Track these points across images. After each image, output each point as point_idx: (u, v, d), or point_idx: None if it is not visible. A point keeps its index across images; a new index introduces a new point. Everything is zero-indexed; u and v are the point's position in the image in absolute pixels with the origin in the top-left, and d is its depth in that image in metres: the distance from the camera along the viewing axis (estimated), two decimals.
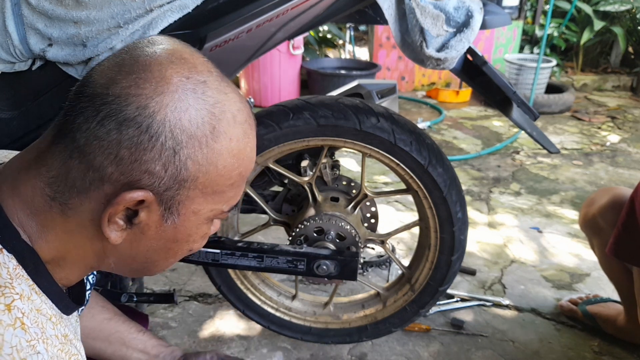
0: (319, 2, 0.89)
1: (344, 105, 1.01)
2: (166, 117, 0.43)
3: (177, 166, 0.45)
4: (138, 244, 0.49)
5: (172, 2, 0.88)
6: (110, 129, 0.43)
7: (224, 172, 0.48)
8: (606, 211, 1.23)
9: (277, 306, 1.24)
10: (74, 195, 0.45)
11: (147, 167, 0.44)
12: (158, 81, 0.44)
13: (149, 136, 0.43)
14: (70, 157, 0.44)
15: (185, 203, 0.47)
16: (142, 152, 0.43)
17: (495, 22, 0.96)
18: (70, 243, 0.48)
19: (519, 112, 1.04)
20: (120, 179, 0.44)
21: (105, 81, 0.44)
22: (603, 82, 3.92)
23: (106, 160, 0.43)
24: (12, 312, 0.41)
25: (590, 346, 1.35)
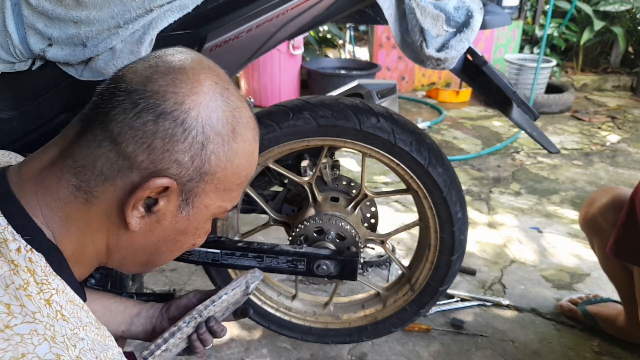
0: (318, 2, 0.89)
1: (344, 105, 1.01)
2: (199, 114, 0.48)
3: (202, 159, 0.49)
4: (152, 234, 0.52)
5: (172, 2, 0.88)
6: (147, 121, 0.47)
7: (237, 171, 0.53)
8: (606, 211, 1.22)
9: (277, 306, 1.24)
10: (100, 182, 0.48)
11: (176, 157, 0.48)
12: (193, 83, 0.49)
13: (182, 129, 0.48)
14: (100, 147, 0.48)
15: (201, 196, 0.52)
16: (174, 143, 0.48)
17: (495, 22, 0.96)
18: (89, 234, 0.51)
19: (519, 112, 1.04)
20: (149, 167, 0.48)
21: (142, 79, 0.48)
22: (603, 82, 3.92)
23: (139, 149, 0.47)
24: (52, 306, 0.44)
25: (590, 346, 1.35)
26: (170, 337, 0.73)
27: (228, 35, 0.89)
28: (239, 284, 0.79)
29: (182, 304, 0.80)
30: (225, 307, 0.79)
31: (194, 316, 0.75)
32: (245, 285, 0.79)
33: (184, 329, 0.74)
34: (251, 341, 1.33)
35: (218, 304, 0.76)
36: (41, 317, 0.42)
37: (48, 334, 0.41)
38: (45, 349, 0.40)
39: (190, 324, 0.75)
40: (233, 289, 0.78)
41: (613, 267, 1.29)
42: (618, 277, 1.30)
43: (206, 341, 0.77)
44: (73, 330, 0.44)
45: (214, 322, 0.76)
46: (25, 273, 0.43)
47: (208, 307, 0.76)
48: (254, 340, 1.33)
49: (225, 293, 0.77)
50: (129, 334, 0.79)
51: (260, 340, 1.33)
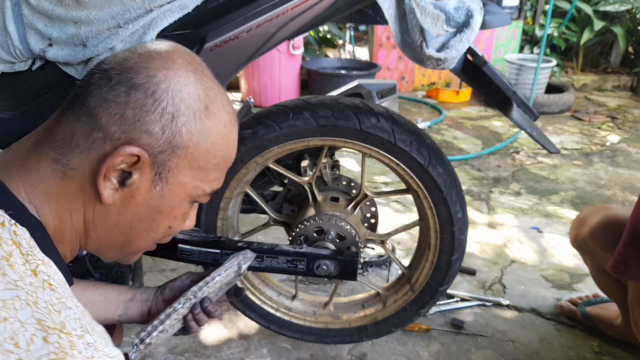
0: (319, 2, 0.89)
1: (344, 105, 1.01)
2: (169, 87, 0.50)
3: (173, 130, 0.51)
4: (126, 209, 0.53)
5: (172, 2, 0.88)
6: (120, 92, 0.49)
7: (211, 149, 0.54)
8: (597, 233, 1.19)
9: (277, 306, 1.24)
10: (76, 154, 0.50)
11: (147, 127, 0.50)
12: (165, 60, 0.52)
13: (153, 100, 0.50)
14: (78, 121, 0.50)
15: (175, 172, 0.53)
16: (145, 114, 0.49)
17: (495, 22, 0.96)
18: (67, 209, 0.52)
19: (519, 112, 1.04)
20: (121, 138, 0.49)
21: (119, 60, 0.52)
22: (603, 82, 3.92)
23: (111, 120, 0.49)
24: (38, 275, 0.44)
25: (590, 346, 1.35)
26: (167, 318, 0.75)
27: (228, 35, 0.89)
28: (231, 265, 0.80)
29: (176, 285, 0.82)
30: (218, 288, 0.81)
31: (189, 297, 0.77)
32: (237, 266, 0.81)
33: (180, 310, 0.76)
34: (251, 341, 1.33)
35: (212, 285, 0.78)
36: (23, 284, 0.42)
37: (30, 299, 0.41)
38: (27, 314, 0.40)
39: (186, 305, 0.77)
40: (226, 270, 0.80)
41: (607, 284, 1.28)
42: (613, 293, 1.29)
43: (201, 321, 0.79)
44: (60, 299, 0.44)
45: (208, 302, 0.78)
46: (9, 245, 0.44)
47: (202, 288, 0.78)
48: (254, 340, 1.33)
49: (218, 274, 0.79)
50: (126, 317, 0.80)
51: (260, 340, 1.33)
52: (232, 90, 3.50)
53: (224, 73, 0.95)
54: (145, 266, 1.50)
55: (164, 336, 0.77)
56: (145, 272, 1.49)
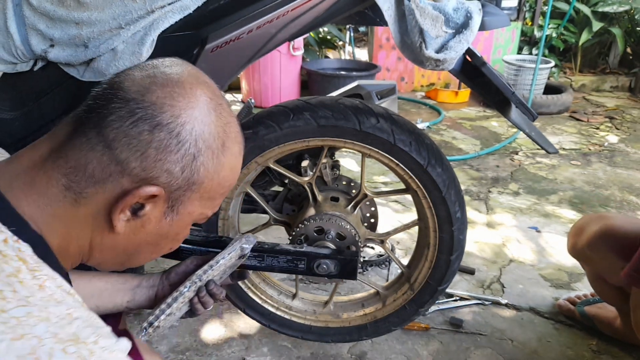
0: (319, 3, 0.90)
1: (344, 105, 1.01)
2: (194, 128, 0.51)
3: (192, 170, 0.52)
4: (135, 236, 0.54)
5: (173, 3, 0.88)
6: (143, 130, 0.49)
7: (222, 182, 0.56)
8: (595, 243, 1.18)
9: (277, 305, 1.24)
10: (91, 185, 0.50)
11: (168, 167, 0.51)
12: (189, 97, 0.52)
13: (177, 141, 0.50)
14: (93, 150, 0.49)
15: (186, 204, 0.54)
16: (167, 154, 0.50)
17: (494, 23, 0.96)
18: (74, 233, 0.52)
19: (518, 113, 1.04)
20: (140, 174, 0.50)
21: (140, 89, 0.51)
22: (601, 82, 3.93)
23: (132, 156, 0.49)
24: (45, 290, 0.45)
25: (588, 345, 1.36)
26: (174, 302, 0.77)
27: (229, 36, 0.90)
28: (234, 248, 0.83)
29: (181, 270, 0.84)
30: (222, 271, 0.83)
31: (194, 281, 0.79)
32: (240, 249, 0.83)
33: (186, 293, 0.78)
34: (252, 340, 1.33)
35: (216, 268, 0.81)
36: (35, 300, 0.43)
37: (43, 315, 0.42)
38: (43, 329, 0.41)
39: (192, 289, 0.79)
40: (229, 253, 0.82)
41: (606, 291, 1.28)
42: (612, 299, 1.29)
43: (207, 303, 0.81)
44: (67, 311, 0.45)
45: (213, 285, 0.80)
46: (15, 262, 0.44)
47: (207, 271, 0.80)
48: (255, 339, 1.34)
49: (223, 257, 0.81)
50: (134, 303, 0.81)
51: (260, 339, 1.34)
52: (233, 91, 3.51)
53: (225, 74, 0.96)
54: (147, 265, 1.50)
55: (171, 319, 0.79)
56: (146, 271, 1.50)
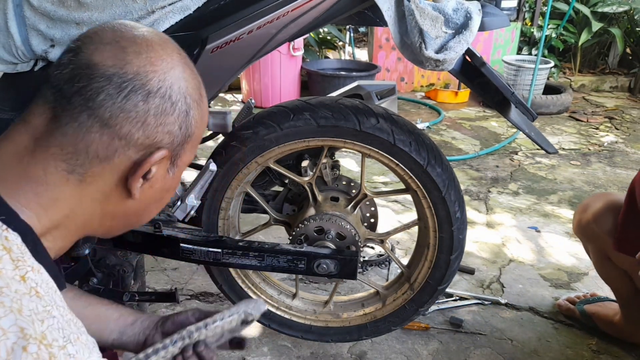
0: (319, 4, 0.90)
1: (343, 106, 1.02)
2: (180, 87, 0.53)
3: (187, 125, 0.55)
4: (145, 197, 0.57)
5: (173, 3, 0.88)
6: (137, 102, 0.50)
7: (203, 127, 0.60)
8: (600, 217, 1.21)
9: (277, 305, 1.24)
10: (96, 164, 0.51)
11: (169, 129, 0.53)
12: (165, 58, 0.53)
13: (171, 103, 0.53)
14: (89, 132, 0.50)
15: (182, 156, 0.57)
16: (165, 117, 0.52)
17: (493, 24, 0.97)
18: (80, 209, 0.53)
19: (517, 113, 1.05)
20: (145, 142, 0.52)
21: (115, 62, 0.51)
22: (601, 82, 3.94)
23: (134, 128, 0.51)
24: (26, 282, 0.44)
25: (588, 345, 1.36)
26: (154, 354, 0.69)
27: (229, 37, 0.90)
28: (237, 310, 0.75)
29: (179, 320, 0.78)
30: (219, 333, 0.75)
31: (183, 336, 0.71)
32: (243, 314, 0.75)
33: (169, 347, 0.70)
34: (252, 339, 1.34)
35: (211, 329, 0.73)
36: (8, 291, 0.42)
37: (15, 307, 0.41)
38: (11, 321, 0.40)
39: (177, 344, 0.71)
40: (230, 315, 0.74)
41: (609, 272, 1.29)
42: (615, 281, 1.30)
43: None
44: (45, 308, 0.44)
45: (203, 346, 0.72)
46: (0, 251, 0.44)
47: (200, 329, 0.72)
48: (255, 339, 1.34)
49: (221, 318, 0.73)
50: (119, 343, 0.76)
51: (261, 339, 1.34)
52: (233, 92, 3.51)
53: (226, 74, 0.96)
54: (147, 265, 1.50)
55: None
56: (147, 271, 1.50)
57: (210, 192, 1.09)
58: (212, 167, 0.99)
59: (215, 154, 1.07)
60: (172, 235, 1.07)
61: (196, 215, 1.07)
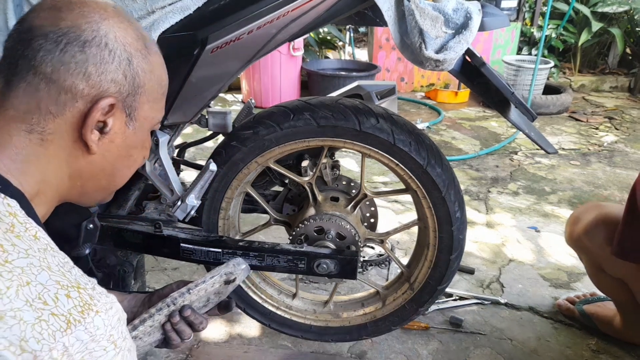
0: (319, 4, 0.90)
1: (343, 106, 1.02)
2: (116, 35, 0.55)
3: (132, 73, 0.56)
4: (109, 154, 0.58)
5: (173, 3, 0.89)
6: (74, 52, 0.52)
7: (160, 82, 0.61)
8: (591, 231, 1.21)
9: (277, 304, 1.25)
10: (50, 120, 0.53)
11: (112, 77, 0.54)
12: (99, 10, 0.54)
13: (108, 51, 0.54)
14: (37, 89, 0.52)
15: (139, 109, 0.58)
16: (106, 65, 0.53)
17: (493, 24, 0.97)
18: (50, 170, 0.55)
19: (517, 113, 1.05)
20: (91, 93, 0.53)
21: (51, 21, 0.53)
22: (601, 83, 3.94)
23: (77, 79, 0.52)
24: (40, 240, 0.47)
25: (587, 345, 1.36)
26: (140, 324, 0.69)
27: (229, 37, 0.90)
28: (218, 272, 0.75)
29: (165, 293, 0.79)
30: (205, 297, 0.75)
31: (167, 303, 0.71)
32: (224, 274, 0.75)
33: (155, 316, 0.70)
34: (252, 339, 1.34)
35: (194, 292, 0.73)
36: (33, 252, 0.45)
37: (44, 265, 0.45)
38: (46, 277, 0.44)
39: (163, 312, 0.71)
40: (212, 276, 0.75)
41: (604, 282, 1.29)
42: (610, 290, 1.30)
43: (182, 332, 0.74)
44: (64, 260, 0.48)
45: (189, 311, 0.73)
46: (7, 217, 0.46)
47: (183, 294, 0.72)
48: (255, 339, 1.34)
49: (203, 281, 0.74)
50: None
51: (261, 339, 1.34)
52: (233, 91, 3.51)
53: (226, 74, 0.96)
54: (147, 265, 1.51)
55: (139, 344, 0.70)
56: (147, 271, 1.50)
57: (210, 192, 1.09)
58: (212, 167, 1.00)
59: (215, 154, 1.07)
60: (172, 235, 1.07)
61: (196, 215, 1.08)
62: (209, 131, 1.13)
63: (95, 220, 1.04)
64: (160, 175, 1.03)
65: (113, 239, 1.07)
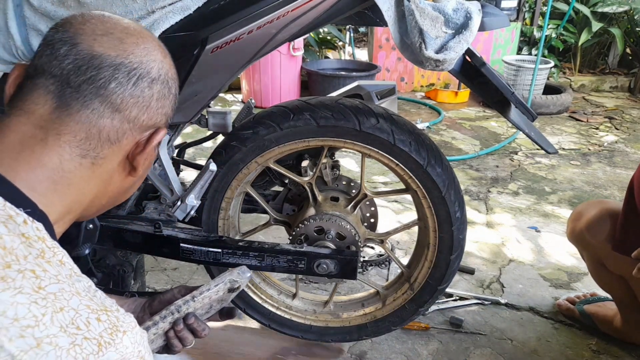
0: (319, 4, 0.90)
1: (343, 106, 1.02)
2: (168, 72, 0.59)
3: (173, 105, 0.62)
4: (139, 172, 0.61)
5: (173, 3, 0.89)
6: (144, 88, 0.56)
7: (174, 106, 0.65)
8: (593, 226, 1.21)
9: (277, 305, 1.24)
10: (107, 147, 0.56)
11: (166, 111, 0.60)
12: (157, 47, 0.59)
13: (168, 88, 0.59)
14: (102, 117, 0.54)
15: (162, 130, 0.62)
16: (164, 100, 0.59)
17: (493, 24, 0.97)
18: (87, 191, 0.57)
19: (517, 113, 1.05)
20: (148, 123, 0.58)
21: (119, 52, 0.55)
22: (601, 82, 3.94)
23: (140, 112, 0.57)
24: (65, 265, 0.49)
25: (588, 345, 1.36)
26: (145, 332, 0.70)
27: (229, 37, 0.90)
28: (222, 280, 0.75)
29: (166, 298, 0.79)
30: (208, 305, 0.75)
31: (172, 311, 0.72)
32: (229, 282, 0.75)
33: (160, 324, 0.71)
34: (252, 339, 1.33)
35: (199, 300, 0.74)
36: (62, 277, 0.47)
37: (73, 290, 0.47)
38: (77, 302, 0.46)
39: (167, 320, 0.72)
40: (216, 284, 0.75)
41: (605, 279, 1.29)
42: (610, 287, 1.30)
43: (185, 340, 0.75)
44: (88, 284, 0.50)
45: (193, 319, 0.74)
46: (37, 242, 0.47)
47: (187, 302, 0.73)
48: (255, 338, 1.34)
49: (207, 289, 0.74)
50: None
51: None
52: (233, 91, 3.51)
53: (226, 74, 0.96)
54: (147, 265, 1.51)
55: None
56: (147, 271, 1.50)
57: (210, 192, 1.09)
58: (212, 167, 0.99)
59: (215, 154, 1.07)
60: (172, 235, 1.07)
61: (196, 215, 1.08)
62: (209, 131, 1.13)
63: (95, 220, 1.04)
64: (160, 175, 1.03)
65: (113, 239, 1.07)
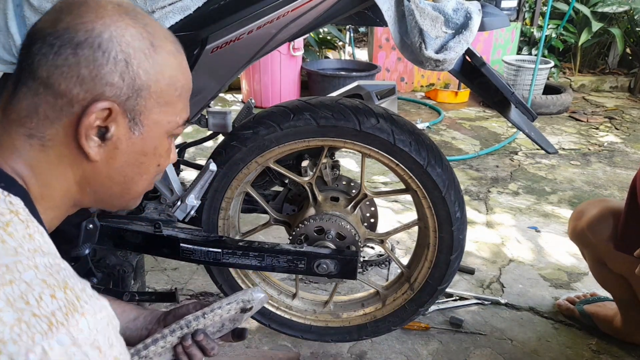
0: (319, 4, 0.90)
1: (344, 106, 1.02)
2: (112, 35, 0.51)
3: (131, 75, 0.52)
4: (114, 160, 0.55)
5: (173, 3, 0.89)
6: (67, 55, 0.50)
7: (171, 82, 0.56)
8: (595, 225, 1.21)
9: (277, 305, 1.25)
10: (48, 125, 0.52)
11: (107, 80, 0.51)
12: (97, 9, 0.52)
13: (101, 52, 0.51)
14: (37, 94, 0.51)
15: (145, 113, 0.55)
16: (99, 67, 0.51)
17: (493, 24, 0.97)
18: (54, 177, 0.53)
19: (517, 113, 1.05)
20: (86, 97, 0.51)
21: (50, 23, 0.52)
22: (601, 83, 3.94)
23: (70, 84, 0.50)
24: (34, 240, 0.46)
25: (588, 345, 1.36)
26: (152, 344, 0.69)
27: (229, 37, 0.90)
28: (235, 298, 0.75)
29: (181, 313, 0.77)
30: (219, 323, 0.75)
31: (181, 325, 0.71)
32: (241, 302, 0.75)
33: (168, 337, 0.70)
34: (252, 339, 1.34)
35: (209, 317, 0.73)
36: (22, 250, 0.44)
37: (31, 264, 0.43)
38: (31, 275, 0.43)
39: (176, 334, 0.71)
40: (228, 303, 0.74)
41: (606, 277, 1.29)
42: (611, 286, 1.30)
43: (193, 356, 0.73)
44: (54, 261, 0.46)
45: (202, 336, 0.72)
46: (5, 215, 0.45)
47: (198, 318, 0.72)
48: (255, 339, 1.34)
49: (219, 307, 0.73)
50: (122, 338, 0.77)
51: (261, 339, 1.34)
52: (233, 91, 3.51)
53: (226, 74, 0.96)
54: (147, 265, 1.51)
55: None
56: (147, 271, 1.50)
57: (210, 192, 1.09)
58: (212, 167, 0.99)
59: (215, 154, 1.07)
60: (172, 235, 1.07)
61: (196, 215, 1.08)
62: (209, 131, 1.13)
63: (94, 220, 1.04)
64: None
65: (113, 239, 1.07)
